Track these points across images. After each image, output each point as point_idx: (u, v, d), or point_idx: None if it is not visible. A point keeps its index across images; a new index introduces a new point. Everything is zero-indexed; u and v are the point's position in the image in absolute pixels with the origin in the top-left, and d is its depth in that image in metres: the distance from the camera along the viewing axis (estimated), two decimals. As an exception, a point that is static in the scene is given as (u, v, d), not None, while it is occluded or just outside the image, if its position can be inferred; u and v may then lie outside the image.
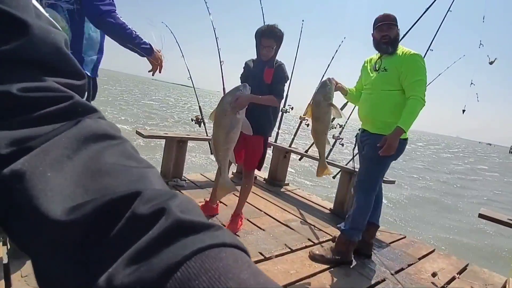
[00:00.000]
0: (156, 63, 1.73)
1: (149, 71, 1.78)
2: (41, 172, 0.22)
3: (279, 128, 4.11)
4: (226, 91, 3.37)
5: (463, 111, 2.22)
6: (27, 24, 0.26)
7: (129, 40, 1.58)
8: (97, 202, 0.22)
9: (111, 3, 1.51)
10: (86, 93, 1.65)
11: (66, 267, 0.21)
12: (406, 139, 2.22)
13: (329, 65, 3.81)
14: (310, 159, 3.93)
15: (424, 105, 2.07)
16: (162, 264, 0.18)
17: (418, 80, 2.07)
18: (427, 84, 2.14)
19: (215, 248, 0.19)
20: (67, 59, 0.30)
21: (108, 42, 1.68)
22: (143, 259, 0.19)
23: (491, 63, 2.76)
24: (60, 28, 0.31)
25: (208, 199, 2.66)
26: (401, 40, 2.34)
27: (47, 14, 0.31)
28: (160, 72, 1.79)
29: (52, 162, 0.23)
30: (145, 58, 1.71)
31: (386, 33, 2.17)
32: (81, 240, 0.21)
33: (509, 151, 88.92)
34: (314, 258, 2.21)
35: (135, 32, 1.58)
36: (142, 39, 1.61)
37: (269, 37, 2.26)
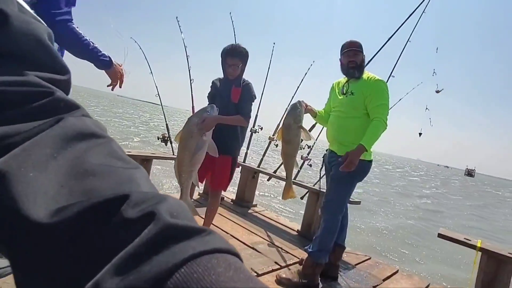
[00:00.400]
0: (116, 77, 1.63)
1: (108, 86, 1.68)
2: (23, 173, 0.21)
3: (248, 148, 4.09)
4: (196, 110, 3.34)
5: (420, 134, 2.36)
6: (6, 15, 0.25)
7: (86, 51, 1.49)
8: (83, 205, 0.21)
9: (67, 13, 1.43)
10: None
11: (49, 273, 0.20)
12: (370, 161, 2.28)
13: (298, 87, 3.92)
14: (279, 180, 3.92)
15: (386, 128, 2.16)
16: (152, 272, 0.17)
17: (381, 104, 2.17)
18: (389, 108, 2.25)
19: (207, 255, 0.19)
20: (50, 52, 0.29)
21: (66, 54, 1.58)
22: (132, 266, 0.18)
23: (437, 91, 2.98)
24: (44, 23, 0.30)
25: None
26: (366, 65, 2.46)
27: (32, 11, 0.30)
28: (120, 87, 1.70)
29: (34, 162, 0.22)
30: (105, 71, 1.63)
31: (352, 59, 2.27)
32: (66, 244, 0.20)
33: (464, 174, 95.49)
34: (280, 282, 2.15)
35: (93, 43, 1.50)
36: (100, 51, 1.53)
37: (233, 56, 2.27)
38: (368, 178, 2.28)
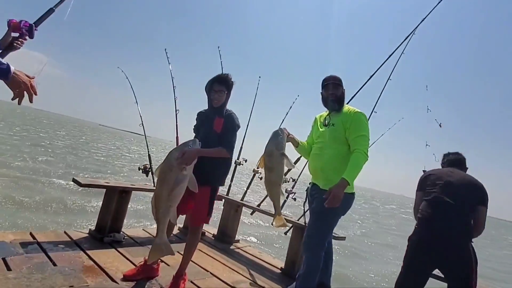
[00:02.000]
0: (18, 89, 1.37)
1: (12, 99, 1.38)
2: None
3: (231, 181, 4.01)
4: (180, 141, 3.28)
5: (424, 171, 2.39)
6: None
7: None
8: None
9: None
10: None
11: None
12: (353, 194, 2.24)
13: (283, 120, 3.95)
14: (263, 214, 3.81)
15: (367, 159, 2.14)
16: None
17: (361, 135, 2.17)
18: (371, 142, 2.26)
19: None
20: None
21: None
22: None
23: (440, 125, 3.05)
24: None
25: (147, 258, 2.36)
26: (348, 102, 2.51)
27: None
28: (30, 101, 1.40)
29: None
30: (5, 82, 1.34)
31: (332, 91, 2.33)
32: None
33: None
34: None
35: None
36: None
37: (220, 83, 2.32)
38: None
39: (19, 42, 1.68)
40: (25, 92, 1.37)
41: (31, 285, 1.88)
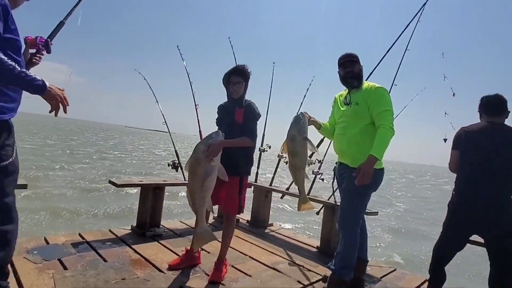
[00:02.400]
0: (55, 102, 1.46)
1: (50, 112, 1.49)
2: None
3: (258, 168, 4.08)
4: (203, 135, 3.38)
5: (445, 140, 2.31)
6: None
7: (11, 77, 1.32)
8: None
9: None
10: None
11: None
12: (382, 169, 2.23)
13: (302, 103, 3.94)
14: (293, 197, 3.87)
15: (394, 133, 2.11)
16: None
17: (385, 110, 2.14)
18: (394, 115, 2.22)
19: None
20: None
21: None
22: None
23: (454, 95, 2.96)
24: None
25: (189, 248, 2.50)
26: (368, 78, 2.44)
27: None
28: (65, 112, 1.50)
29: None
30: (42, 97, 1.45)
31: (350, 69, 2.29)
32: None
33: None
34: (305, 302, 2.07)
35: (19, 67, 1.34)
36: (29, 75, 1.36)
37: (237, 75, 2.35)
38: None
39: (38, 58, 1.77)
40: (60, 104, 1.49)
41: (88, 281, 2.05)
